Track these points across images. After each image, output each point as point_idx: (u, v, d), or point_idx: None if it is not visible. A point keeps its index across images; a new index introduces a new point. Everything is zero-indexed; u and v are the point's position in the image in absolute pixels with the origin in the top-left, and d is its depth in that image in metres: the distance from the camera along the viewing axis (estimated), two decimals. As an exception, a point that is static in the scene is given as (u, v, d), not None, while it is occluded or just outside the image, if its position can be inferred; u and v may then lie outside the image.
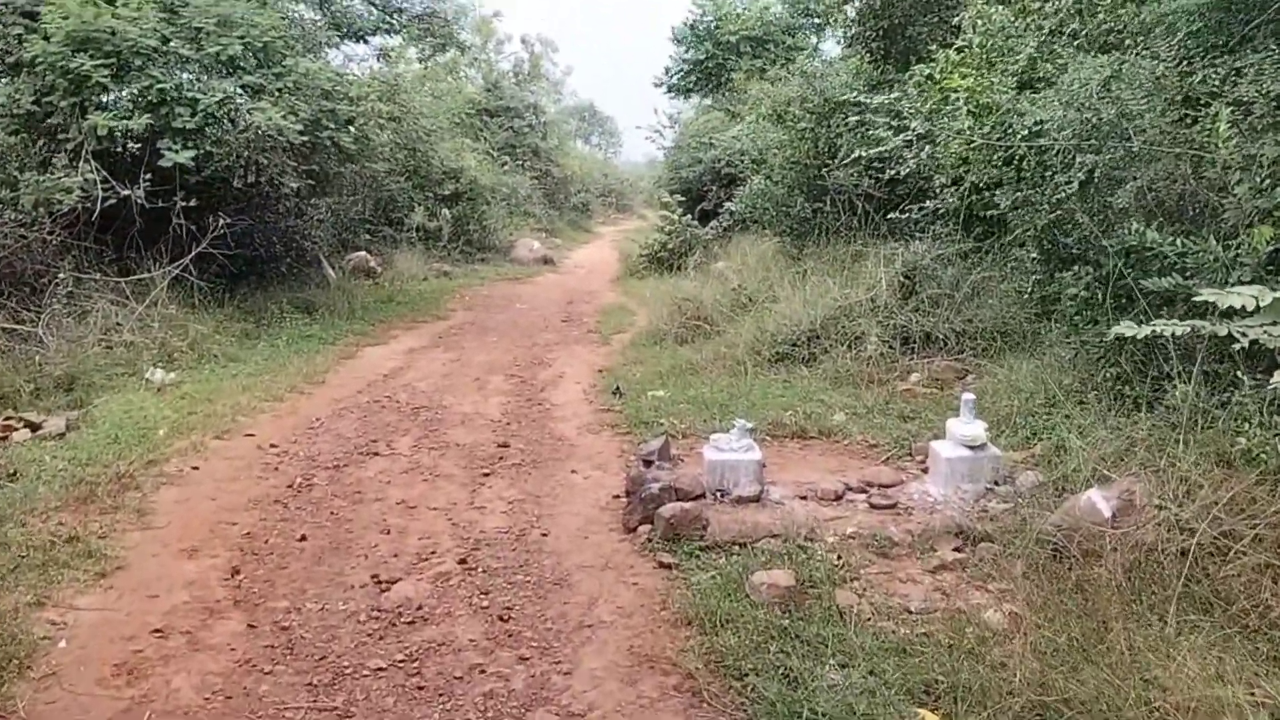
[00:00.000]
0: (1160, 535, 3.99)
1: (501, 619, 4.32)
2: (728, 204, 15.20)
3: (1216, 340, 4.66)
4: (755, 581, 4.26)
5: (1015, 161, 6.26)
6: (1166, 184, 5.13)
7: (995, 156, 6.45)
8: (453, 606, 4.45)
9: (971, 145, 6.31)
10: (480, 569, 4.86)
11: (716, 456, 5.73)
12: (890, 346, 8.62)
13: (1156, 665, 3.41)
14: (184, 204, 10.04)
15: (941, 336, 8.66)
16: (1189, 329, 4.52)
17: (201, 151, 10.14)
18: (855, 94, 11.76)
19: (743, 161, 17.27)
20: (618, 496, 5.87)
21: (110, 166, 9.94)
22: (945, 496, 5.62)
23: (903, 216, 10.61)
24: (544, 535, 5.31)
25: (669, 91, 26.14)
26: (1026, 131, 5.81)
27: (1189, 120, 4.80)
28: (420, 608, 4.43)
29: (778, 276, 11.37)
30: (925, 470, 6.15)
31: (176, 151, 9.93)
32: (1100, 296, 5.90)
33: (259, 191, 11.45)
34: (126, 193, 9.76)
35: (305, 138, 10.71)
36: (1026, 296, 8.77)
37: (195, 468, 6.33)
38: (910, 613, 4.20)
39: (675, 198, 18.62)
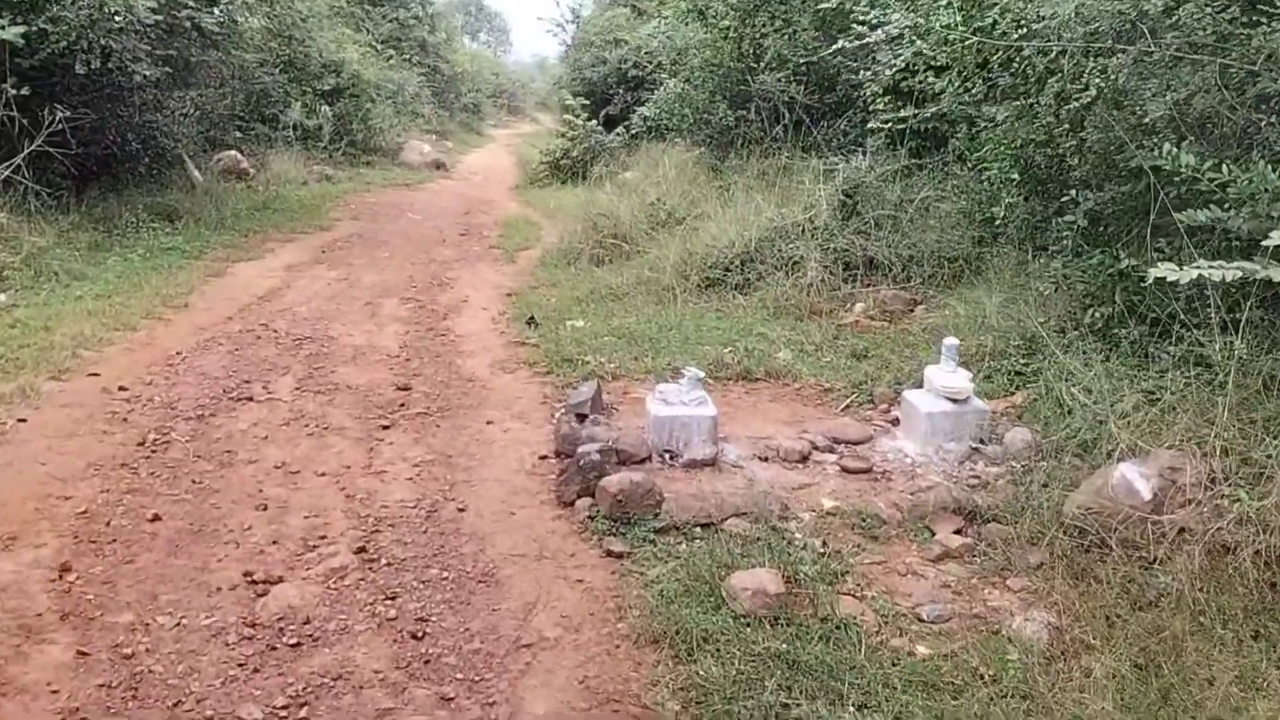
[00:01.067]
0: (1228, 528, 3.30)
1: (414, 636, 3.40)
2: (640, 109, 14.10)
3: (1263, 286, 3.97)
4: (735, 586, 3.43)
5: (1016, 64, 5.41)
6: (1204, 98, 4.36)
7: (993, 57, 5.59)
8: (350, 618, 3.51)
9: (964, 43, 5.43)
10: (383, 560, 3.91)
11: (664, 411, 4.86)
12: (831, 273, 7.84)
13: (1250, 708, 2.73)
14: (15, 92, 8.47)
15: (886, 262, 7.91)
16: (1238, 272, 3.80)
17: (34, 29, 8.55)
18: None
19: (653, 63, 16.12)
20: (545, 457, 4.96)
21: (-81, 44, 8.30)
22: (925, 457, 4.89)
23: (847, 129, 9.78)
24: (460, 510, 4.38)
25: (571, -15, 24.51)
26: (1027, 29, 4.95)
27: (1251, 20, 4.02)
28: (308, 621, 3.47)
29: (701, 191, 10.45)
30: (895, 422, 5.42)
31: (3, 28, 8.32)
32: (1103, 227, 5.18)
33: (109, 80, 9.86)
34: (-60, 76, 8.16)
35: (159, 17, 9.18)
36: (972, 220, 8.12)
37: (22, 420, 5.15)
38: (923, 621, 3.44)
39: (578, 100, 17.37)
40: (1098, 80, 4.66)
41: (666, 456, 4.81)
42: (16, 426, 5.07)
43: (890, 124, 9.77)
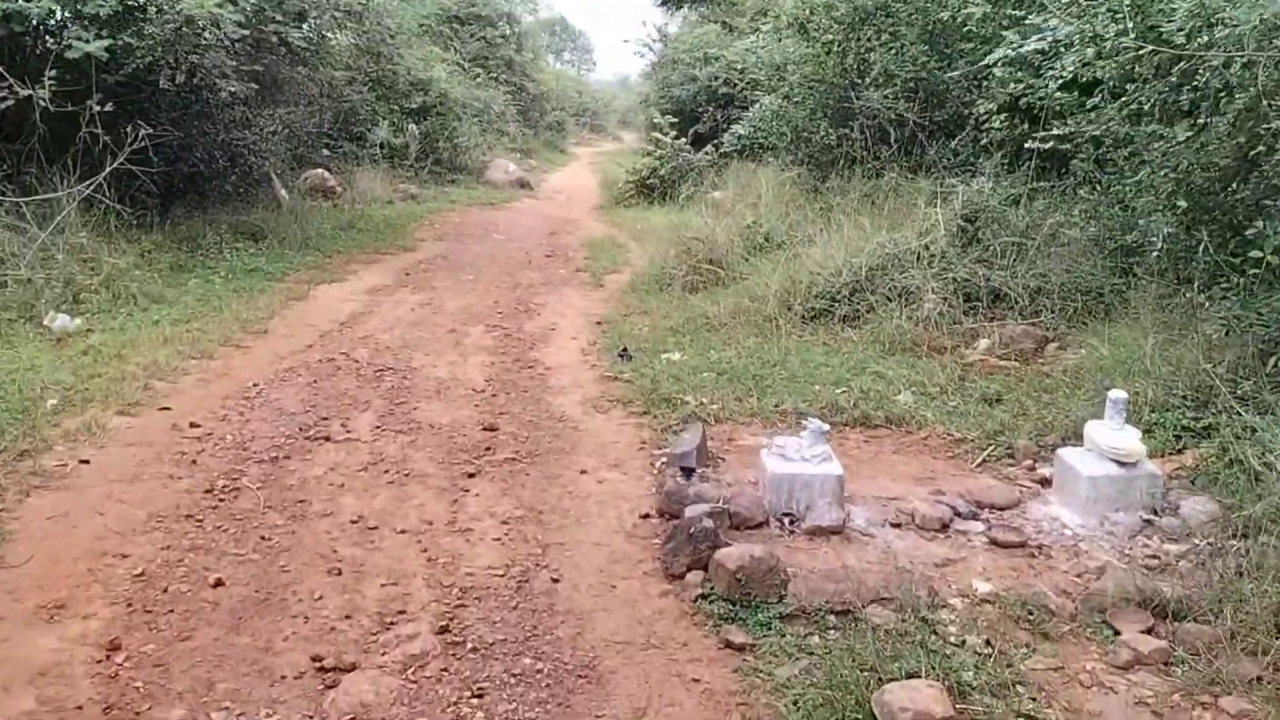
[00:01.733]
0: None
1: (506, 750, 2.89)
2: (734, 127, 13.57)
3: None
4: (891, 705, 2.83)
5: (1198, 76, 4.73)
6: None
7: (1174, 68, 4.89)
8: (432, 721, 3.00)
9: (1139, 53, 4.76)
10: (469, 644, 3.40)
11: (783, 469, 4.29)
12: (950, 305, 7.17)
13: None
14: (99, 108, 8.27)
15: (1011, 294, 7.22)
16: None
17: (119, 43, 8.36)
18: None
19: (745, 80, 15.60)
20: (647, 516, 4.42)
21: (7, 60, 8.16)
22: (1087, 529, 4.23)
23: (958, 149, 9.11)
24: (554, 581, 3.86)
25: (660, 3, 24.08)
26: (1209, 37, 4.29)
27: None
28: (383, 724, 2.98)
29: (800, 214, 9.86)
30: (1044, 483, 4.76)
31: (87, 41, 8.14)
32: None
33: (196, 97, 9.70)
34: (27, 92, 7.98)
35: (246, 32, 8.94)
36: (1104, 249, 7.39)
37: (85, 461, 4.78)
38: (1125, 759, 2.81)
39: (666, 119, 16.90)
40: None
41: (786, 521, 4.23)
42: (78, 469, 4.70)
43: (1008, 143, 9.19)
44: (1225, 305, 5.03)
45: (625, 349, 7.03)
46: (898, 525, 4.27)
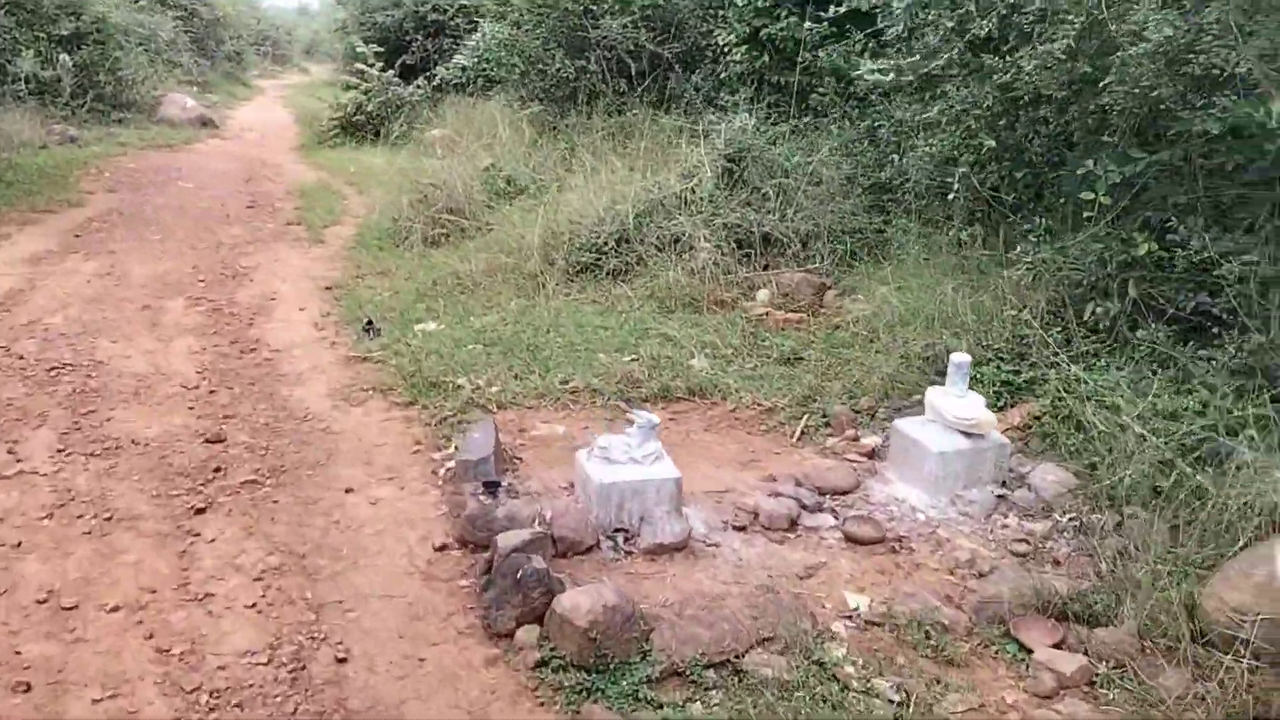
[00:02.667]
0: None
1: None
2: (456, 57, 12.36)
3: None
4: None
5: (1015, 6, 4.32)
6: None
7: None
8: None
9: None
10: (238, 785, 2.45)
11: (610, 476, 3.55)
12: (724, 254, 6.66)
13: None
14: None
15: (784, 239, 6.82)
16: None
17: None
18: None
19: (455, 5, 14.41)
20: (444, 548, 3.55)
21: None
22: (939, 510, 3.83)
23: (699, 84, 8.67)
24: (341, 661, 2.93)
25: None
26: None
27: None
28: None
29: (544, 155, 9.05)
30: (871, 455, 4.33)
31: None
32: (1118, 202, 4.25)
33: None
34: None
35: None
36: (863, 188, 7.16)
37: None
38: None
39: (370, 48, 15.34)
40: (1153, 20, 3.63)
41: (619, 538, 3.51)
42: None
43: (750, 76, 8.84)
44: (1032, 248, 4.78)
45: (370, 321, 5.98)
46: (742, 529, 3.66)
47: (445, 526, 3.67)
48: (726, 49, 9.07)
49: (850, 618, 3.12)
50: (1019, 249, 4.86)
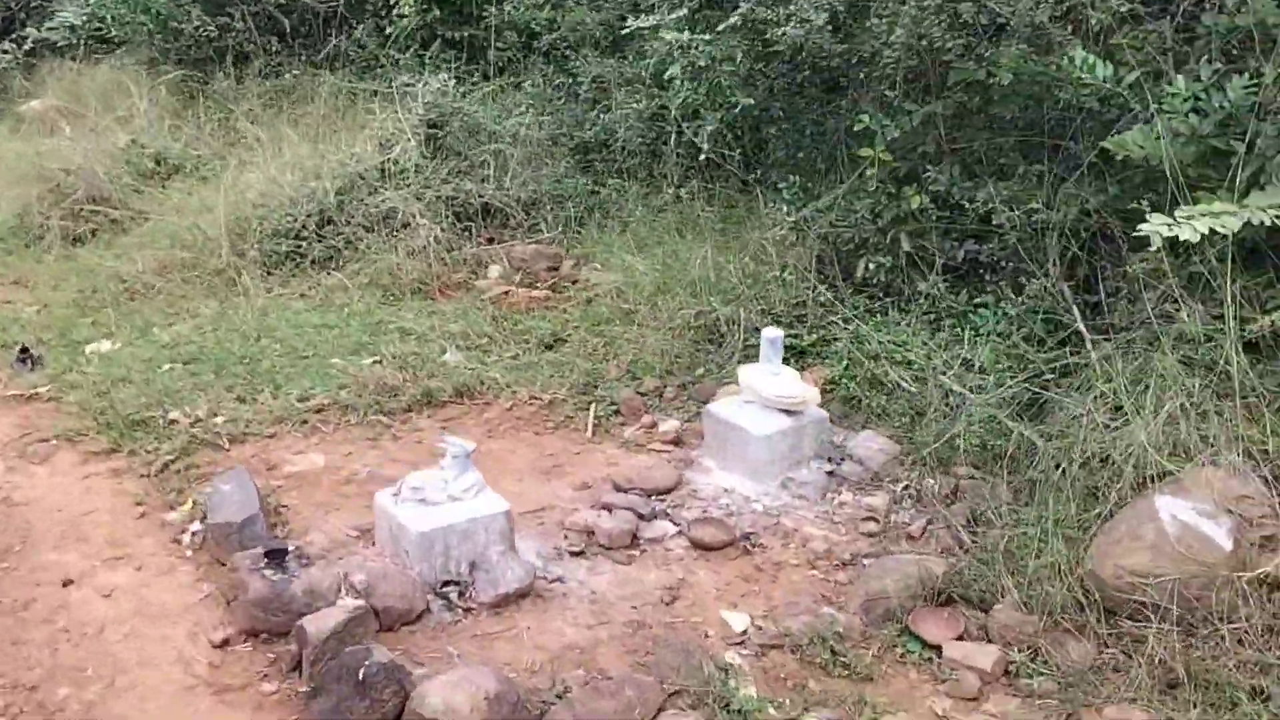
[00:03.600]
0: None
1: None
2: (61, 15, 10.38)
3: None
4: None
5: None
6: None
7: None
8: None
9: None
10: None
11: (429, 522, 2.96)
12: (444, 230, 6.05)
13: None
14: None
15: (505, 209, 6.32)
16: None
17: None
18: None
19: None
20: (225, 644, 2.79)
21: None
22: (773, 497, 3.60)
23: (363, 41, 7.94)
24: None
25: None
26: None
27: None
28: None
29: (196, 127, 7.84)
30: (675, 443, 4.02)
31: None
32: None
33: None
34: None
35: None
36: (567, 149, 6.82)
37: None
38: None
39: (-69, 4, 12.68)
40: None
41: (452, 594, 2.93)
42: None
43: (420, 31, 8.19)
44: (792, 207, 4.63)
45: (25, 348, 4.78)
46: (579, 553, 3.21)
47: (219, 614, 2.90)
48: (393, 2, 8.35)
49: (741, 643, 2.79)
50: (782, 208, 4.72)
